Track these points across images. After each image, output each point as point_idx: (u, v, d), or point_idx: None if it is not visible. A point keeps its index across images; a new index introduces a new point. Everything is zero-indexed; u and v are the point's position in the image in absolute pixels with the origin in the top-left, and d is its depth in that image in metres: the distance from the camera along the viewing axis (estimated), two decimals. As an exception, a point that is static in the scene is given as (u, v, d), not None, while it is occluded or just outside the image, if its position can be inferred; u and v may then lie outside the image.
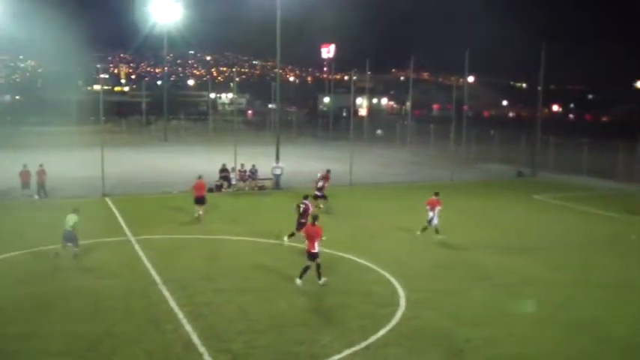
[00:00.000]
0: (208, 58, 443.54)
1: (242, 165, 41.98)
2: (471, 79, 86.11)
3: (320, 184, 35.16)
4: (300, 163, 52.95)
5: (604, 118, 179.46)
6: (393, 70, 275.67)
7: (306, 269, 21.31)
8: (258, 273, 22.76)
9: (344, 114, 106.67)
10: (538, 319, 18.84)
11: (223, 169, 41.36)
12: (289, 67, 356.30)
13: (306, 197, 28.24)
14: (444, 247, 27.14)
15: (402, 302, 19.78)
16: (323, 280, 21.29)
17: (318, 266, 21.29)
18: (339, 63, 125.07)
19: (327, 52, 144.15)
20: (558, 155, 55.72)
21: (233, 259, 24.64)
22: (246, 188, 41.52)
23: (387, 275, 22.62)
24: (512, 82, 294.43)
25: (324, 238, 21.96)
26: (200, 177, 33.01)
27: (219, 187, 40.63)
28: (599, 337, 17.54)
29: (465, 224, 32.10)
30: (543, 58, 56.15)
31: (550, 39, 58.45)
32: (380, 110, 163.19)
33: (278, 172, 42.80)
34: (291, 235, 26.84)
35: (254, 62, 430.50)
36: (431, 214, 28.49)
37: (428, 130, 71.47)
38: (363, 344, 16.42)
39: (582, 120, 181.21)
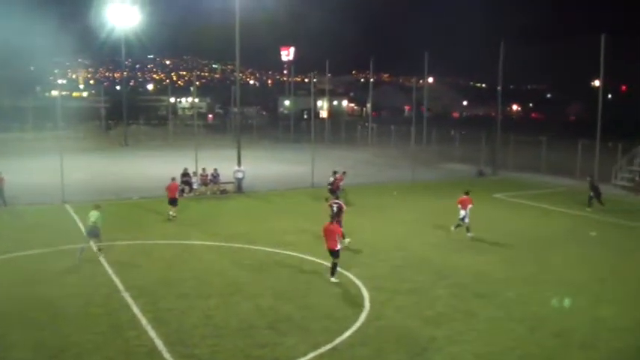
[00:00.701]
0: (167, 62, 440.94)
1: (204, 169, 41.84)
2: (430, 80, 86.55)
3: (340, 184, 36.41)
4: (261, 166, 52.89)
5: (562, 117, 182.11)
6: (353, 72, 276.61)
7: (334, 266, 22.31)
8: (221, 277, 22.72)
9: (305, 116, 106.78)
10: (498, 316, 19.14)
11: (185, 174, 41.14)
12: (249, 70, 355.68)
13: (337, 197, 31.22)
14: (405, 248, 27.34)
15: (367, 303, 19.92)
16: (334, 279, 22.11)
17: (334, 265, 22.26)
18: (299, 65, 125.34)
19: (287, 54, 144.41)
20: (518, 154, 56.41)
21: (196, 264, 24.56)
22: (208, 192, 41.36)
23: (351, 276, 22.73)
24: (472, 83, 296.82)
25: (347, 240, 24.54)
26: (173, 179, 34.28)
27: (180, 192, 40.35)
28: (556, 332, 17.86)
29: (426, 224, 32.36)
30: (502, 59, 56.81)
31: (508, 40, 59.15)
32: (340, 112, 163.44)
33: (240, 175, 42.69)
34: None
35: (214, 66, 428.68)
36: (463, 212, 29.50)
37: (390, 131, 71.81)
38: (329, 346, 16.51)
39: (541, 119, 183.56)
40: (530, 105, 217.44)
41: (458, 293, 21.28)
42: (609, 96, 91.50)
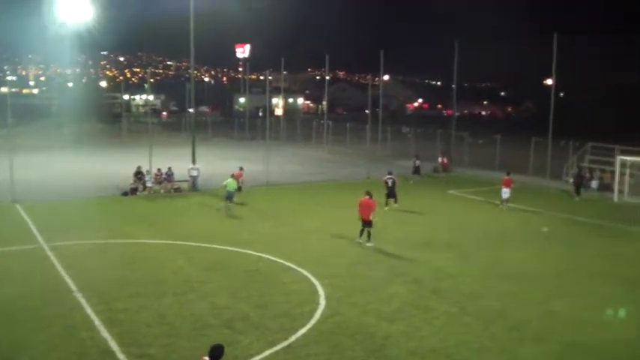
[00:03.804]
0: (121, 58, 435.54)
1: (159, 170, 41.37)
2: (386, 77, 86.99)
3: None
4: (216, 164, 52.57)
5: (516, 114, 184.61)
6: (309, 69, 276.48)
7: (362, 232, 27.15)
8: (176, 276, 22.52)
9: (260, 114, 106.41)
10: (454, 311, 19.31)
11: (138, 172, 40.69)
12: (204, 67, 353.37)
13: (390, 172, 36.20)
14: (362, 245, 27.39)
15: (322, 300, 19.92)
16: (370, 244, 26.81)
17: (369, 233, 26.98)
18: (255, 63, 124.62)
19: (242, 52, 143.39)
20: (473, 151, 57.00)
21: (150, 263, 24.31)
22: (162, 191, 40.93)
23: (306, 274, 22.73)
24: (427, 80, 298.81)
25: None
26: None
27: (134, 190, 39.93)
28: (509, 326, 18.12)
29: (380, 221, 32.44)
30: (457, 57, 57.32)
31: (464, 38, 59.75)
32: (296, 109, 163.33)
33: (194, 173, 42.31)
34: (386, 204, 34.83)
35: (168, 63, 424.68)
36: (506, 190, 36.54)
37: (345, 129, 71.85)
38: (285, 343, 16.47)
39: (496, 116, 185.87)
40: (485, 102, 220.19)
41: (414, 289, 21.40)
42: (561, 94, 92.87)
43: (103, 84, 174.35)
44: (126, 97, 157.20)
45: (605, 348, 16.80)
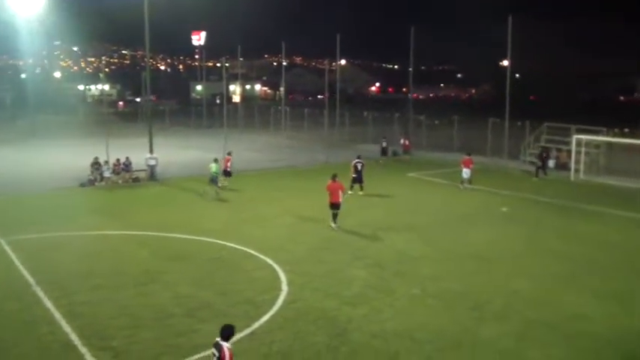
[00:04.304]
0: (75, 48, 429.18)
1: (117, 160, 40.87)
2: (343, 62, 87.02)
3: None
4: (174, 153, 52.21)
5: (477, 97, 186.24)
6: (266, 55, 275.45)
7: (334, 216, 27.59)
8: (138, 267, 22.32)
9: (217, 101, 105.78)
10: (415, 293, 19.49)
11: (95, 163, 40.20)
12: (160, 55, 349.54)
13: (359, 156, 36.39)
14: (322, 229, 27.46)
15: (284, 286, 19.94)
16: (335, 225, 27.38)
17: (335, 215, 27.56)
18: (211, 50, 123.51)
19: (198, 39, 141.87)
20: (432, 134, 57.36)
21: (111, 254, 24.06)
22: (120, 181, 40.51)
23: (268, 260, 22.72)
24: (384, 64, 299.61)
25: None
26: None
27: (92, 182, 39.46)
28: (472, 306, 18.36)
29: (343, 205, 32.49)
30: (412, 41, 57.59)
31: (419, 22, 60.07)
32: (254, 96, 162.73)
33: (152, 162, 41.94)
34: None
35: (123, 52, 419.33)
36: (466, 170, 37.26)
37: (303, 115, 71.73)
38: (248, 331, 16.47)
39: (454, 98, 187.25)
40: (442, 85, 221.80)
41: (375, 272, 21.53)
42: (517, 75, 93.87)
43: (58, 74, 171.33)
44: (81, 87, 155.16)
45: (564, 325, 17.08)
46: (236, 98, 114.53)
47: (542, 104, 76.63)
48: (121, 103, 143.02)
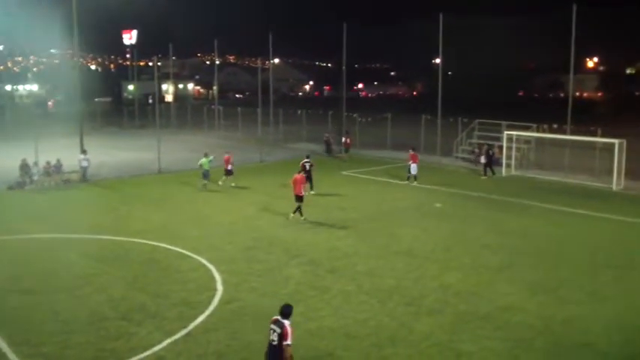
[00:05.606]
0: (1, 47, 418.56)
1: (47, 162, 39.95)
2: (276, 60, 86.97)
3: None
4: (107, 153, 51.35)
5: (407, 94, 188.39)
6: (199, 54, 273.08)
7: (297, 209, 28.26)
8: (70, 270, 21.90)
9: (150, 101, 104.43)
10: (350, 289, 19.62)
11: (24, 165, 39.22)
12: (90, 55, 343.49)
13: (308, 156, 36.16)
14: (256, 229, 27.40)
15: (220, 286, 19.85)
16: (302, 218, 28.26)
17: (300, 207, 28.29)
18: (143, 49, 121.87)
19: (129, 38, 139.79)
20: (366, 131, 57.70)
21: (42, 258, 23.50)
22: (52, 183, 39.63)
23: (203, 261, 22.58)
24: (317, 62, 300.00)
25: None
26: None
27: (21, 184, 38.51)
28: (406, 301, 18.59)
29: (273, 204, 32.50)
30: (345, 39, 57.79)
31: (352, 20, 60.25)
32: (187, 95, 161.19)
33: (85, 164, 41.13)
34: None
35: (52, 51, 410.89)
36: (414, 166, 37.85)
37: (237, 114, 71.30)
38: (184, 332, 16.37)
39: (400, 96, 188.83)
40: (375, 83, 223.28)
41: (310, 270, 21.60)
42: (449, 73, 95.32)
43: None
44: (8, 87, 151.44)
45: (497, 316, 17.45)
46: (169, 98, 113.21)
47: (476, 101, 77.79)
48: (50, 103, 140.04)
